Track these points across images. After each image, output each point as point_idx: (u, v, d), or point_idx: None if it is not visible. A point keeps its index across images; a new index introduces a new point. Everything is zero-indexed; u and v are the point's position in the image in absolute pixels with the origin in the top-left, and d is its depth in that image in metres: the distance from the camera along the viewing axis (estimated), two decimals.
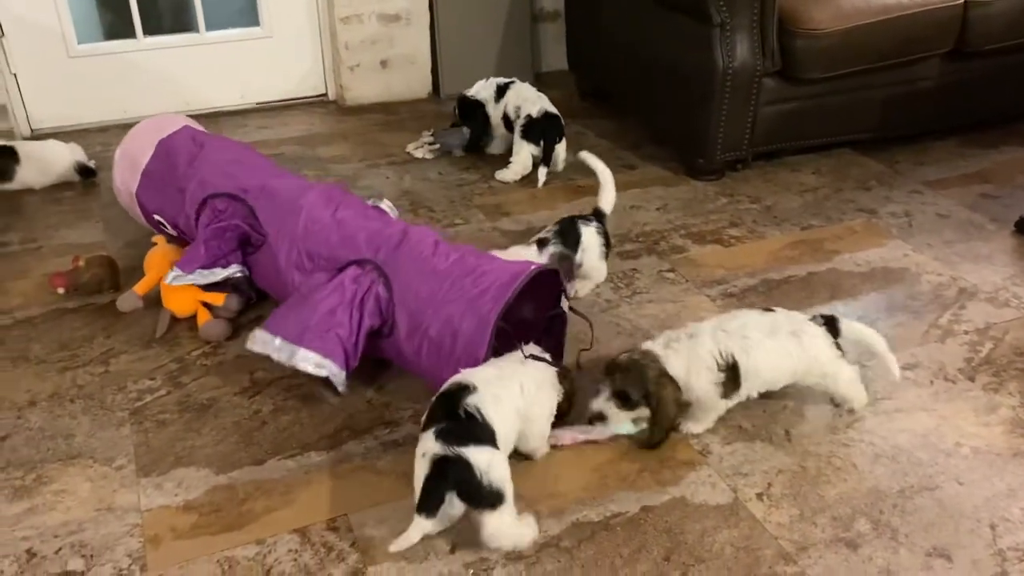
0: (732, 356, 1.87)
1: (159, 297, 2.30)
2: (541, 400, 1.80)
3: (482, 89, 3.25)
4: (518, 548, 1.64)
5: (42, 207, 2.94)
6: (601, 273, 2.46)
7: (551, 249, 2.35)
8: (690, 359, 1.86)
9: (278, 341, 1.96)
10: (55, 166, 3.04)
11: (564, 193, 3.05)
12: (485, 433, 1.63)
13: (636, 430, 1.92)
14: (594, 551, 1.66)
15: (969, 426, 1.98)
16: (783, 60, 2.94)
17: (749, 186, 3.10)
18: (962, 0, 3.04)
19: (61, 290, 2.41)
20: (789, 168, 3.23)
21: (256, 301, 2.36)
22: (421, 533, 1.56)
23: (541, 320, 2.08)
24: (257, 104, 3.78)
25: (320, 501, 1.76)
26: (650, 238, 2.75)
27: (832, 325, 1.97)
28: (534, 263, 2.00)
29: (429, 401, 1.77)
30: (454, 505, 1.59)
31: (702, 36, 2.87)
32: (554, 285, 2.02)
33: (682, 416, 1.92)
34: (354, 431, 1.95)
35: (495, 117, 3.24)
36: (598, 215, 2.48)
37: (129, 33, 3.51)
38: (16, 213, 2.91)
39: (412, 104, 3.87)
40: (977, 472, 1.85)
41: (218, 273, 2.24)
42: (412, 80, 3.89)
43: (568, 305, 2.06)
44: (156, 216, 2.45)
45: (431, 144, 3.38)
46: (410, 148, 3.38)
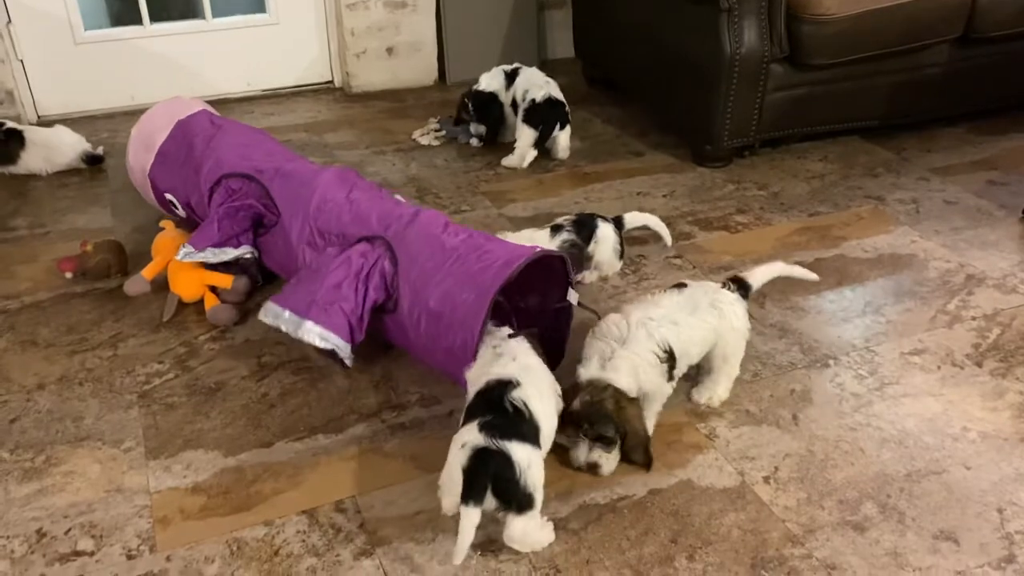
0: (667, 343, 1.84)
1: (167, 281, 2.31)
2: (550, 403, 1.69)
3: (491, 80, 3.22)
4: (540, 549, 1.62)
5: (50, 192, 2.94)
6: (613, 268, 2.46)
7: (564, 236, 2.35)
8: (632, 364, 1.79)
9: (287, 314, 1.97)
10: (60, 155, 3.04)
11: (570, 180, 3.04)
12: (531, 430, 1.57)
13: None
14: (601, 533, 1.67)
15: (976, 411, 1.98)
16: (791, 46, 2.93)
17: (756, 173, 3.10)
18: None
19: (69, 274, 2.41)
20: (796, 155, 3.22)
21: (263, 285, 2.36)
22: (473, 524, 1.48)
23: (548, 312, 2.07)
24: (263, 91, 3.78)
25: (328, 483, 1.77)
26: None
27: (743, 287, 2.03)
28: (543, 249, 1.97)
29: (436, 385, 1.80)
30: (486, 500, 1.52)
31: (709, 22, 2.86)
32: (562, 276, 2.00)
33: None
34: (361, 414, 1.96)
35: (508, 104, 3.22)
36: (617, 222, 2.47)
37: (136, 20, 3.51)
38: (24, 198, 2.91)
39: (418, 91, 3.87)
40: (984, 456, 1.85)
41: (229, 252, 2.25)
42: (418, 67, 3.88)
43: (576, 298, 2.02)
44: (168, 195, 2.46)
45: (437, 131, 3.38)
46: (416, 135, 3.38)
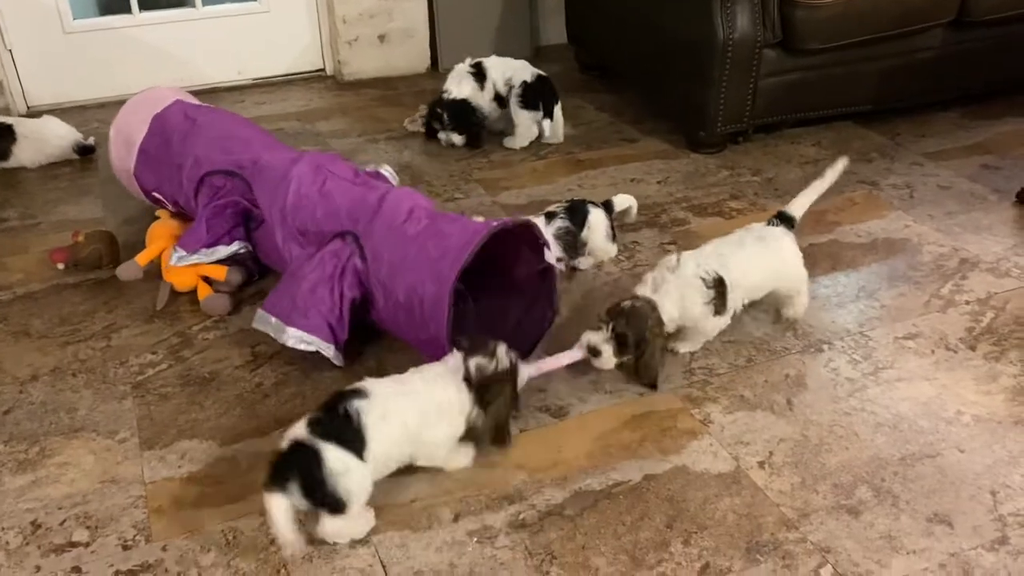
0: (716, 272, 1.99)
1: (160, 269, 2.30)
2: (440, 427, 1.69)
3: (459, 85, 3.08)
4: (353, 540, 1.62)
5: (41, 183, 2.93)
6: (608, 252, 2.47)
7: (558, 223, 2.34)
8: (680, 289, 1.97)
9: (273, 320, 1.99)
10: (51, 146, 3.02)
11: (564, 167, 3.03)
12: (354, 439, 1.56)
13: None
14: (597, 519, 1.67)
15: (970, 394, 1.98)
16: (784, 31, 2.91)
17: (750, 159, 3.09)
18: None
19: (61, 265, 2.40)
20: (790, 140, 3.22)
21: (259, 277, 2.36)
22: (279, 511, 1.48)
23: (534, 277, 2.07)
24: (254, 80, 3.76)
25: None
26: (651, 211, 2.73)
27: (786, 220, 2.20)
28: (500, 220, 1.94)
29: None
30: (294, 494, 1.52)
31: (702, 7, 2.84)
32: (533, 240, 2.00)
33: (674, 341, 2.08)
34: None
35: (486, 104, 3.11)
36: (607, 206, 2.47)
37: (125, 8, 3.48)
38: (14, 189, 2.90)
39: (411, 78, 3.85)
40: (978, 440, 1.85)
41: (221, 251, 2.25)
42: (410, 54, 3.86)
43: (554, 257, 2.03)
44: (155, 194, 2.45)
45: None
46: (407, 123, 3.36)
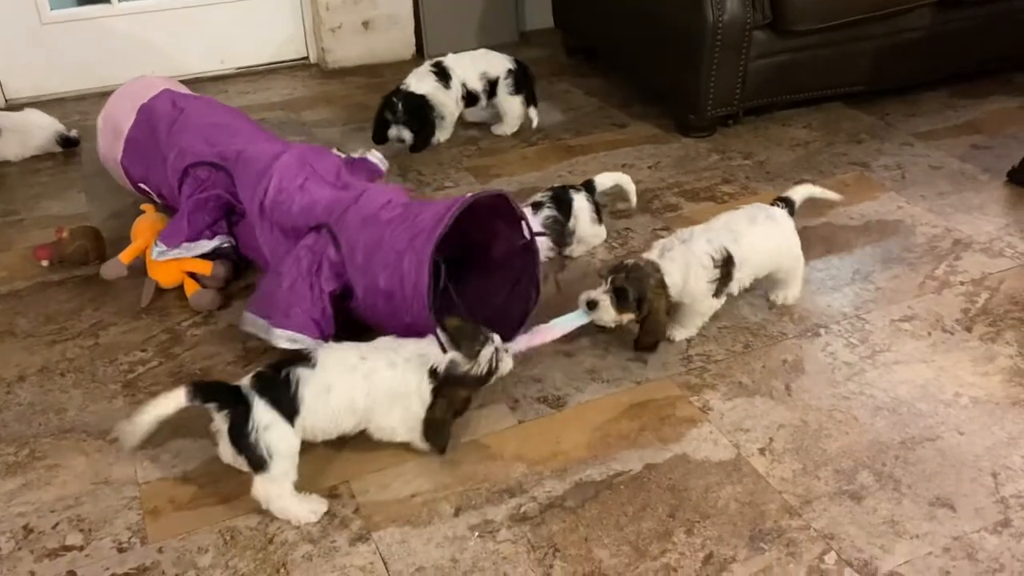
0: (725, 249, 1.99)
1: (145, 266, 2.26)
2: (392, 413, 1.70)
3: (421, 81, 2.94)
4: (298, 523, 1.62)
5: (22, 178, 2.87)
6: (599, 237, 2.45)
7: (545, 212, 2.32)
8: (687, 261, 1.96)
9: (260, 321, 1.95)
10: (34, 139, 2.97)
11: (554, 153, 3.00)
12: (285, 403, 1.59)
13: (586, 321, 1.95)
14: (599, 510, 1.66)
15: (968, 376, 1.98)
16: (773, 12, 2.89)
17: (740, 142, 3.07)
18: None
19: (45, 262, 2.36)
20: (780, 123, 3.20)
21: (244, 270, 2.32)
22: (164, 407, 1.55)
23: (516, 253, 2.05)
24: (237, 69, 3.70)
25: (320, 469, 1.74)
26: (643, 197, 2.71)
27: (788, 203, 2.19)
28: (475, 194, 1.91)
29: None
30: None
31: None
32: (510, 214, 1.98)
33: (670, 322, 2.05)
34: None
35: (449, 104, 2.97)
36: (588, 187, 2.44)
37: None
38: None
39: (396, 66, 3.79)
40: (977, 422, 1.85)
41: (204, 245, 2.21)
42: (395, 41, 3.81)
43: (531, 232, 2.01)
44: (142, 184, 2.40)
45: None
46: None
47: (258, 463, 1.58)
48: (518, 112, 3.08)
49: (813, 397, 1.93)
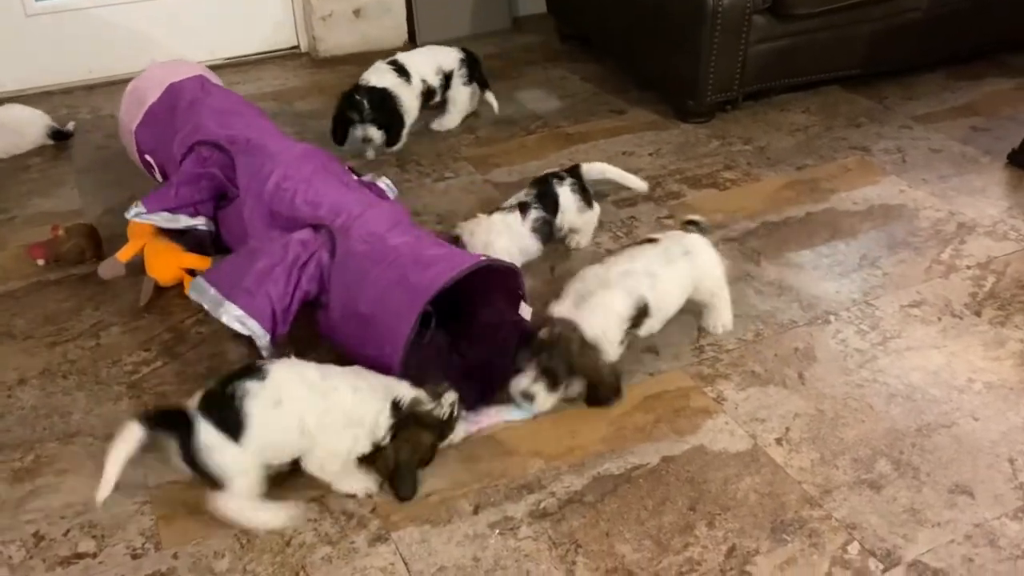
0: (643, 299, 1.86)
1: (143, 264, 2.21)
2: (342, 438, 1.61)
3: (380, 76, 2.79)
4: (265, 528, 1.59)
5: (11, 175, 2.80)
6: (591, 223, 2.39)
7: (534, 214, 2.25)
8: (605, 315, 1.81)
9: (212, 291, 1.86)
10: (23, 135, 2.90)
11: (553, 142, 2.97)
12: (230, 421, 1.53)
13: (528, 415, 1.83)
14: (618, 505, 1.64)
15: (979, 361, 1.98)
16: None
17: (740, 127, 3.05)
18: None
19: (41, 261, 2.31)
20: (778, 108, 3.18)
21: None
22: (130, 440, 1.50)
23: (506, 327, 1.93)
24: (227, 59, 3.64)
25: None
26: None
27: (698, 225, 2.06)
28: (489, 258, 1.84)
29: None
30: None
31: None
32: (514, 288, 1.89)
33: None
34: None
35: (411, 100, 2.82)
36: (573, 172, 2.38)
37: None
38: None
39: (388, 53, 3.68)
40: (991, 407, 1.85)
41: (182, 220, 2.12)
42: (387, 28, 3.75)
43: (529, 312, 1.91)
44: (148, 157, 2.36)
45: None
46: None
47: (215, 483, 1.55)
48: (465, 102, 2.98)
49: (827, 385, 1.92)
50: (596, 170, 2.46)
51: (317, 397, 1.60)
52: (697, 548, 1.56)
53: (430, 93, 2.90)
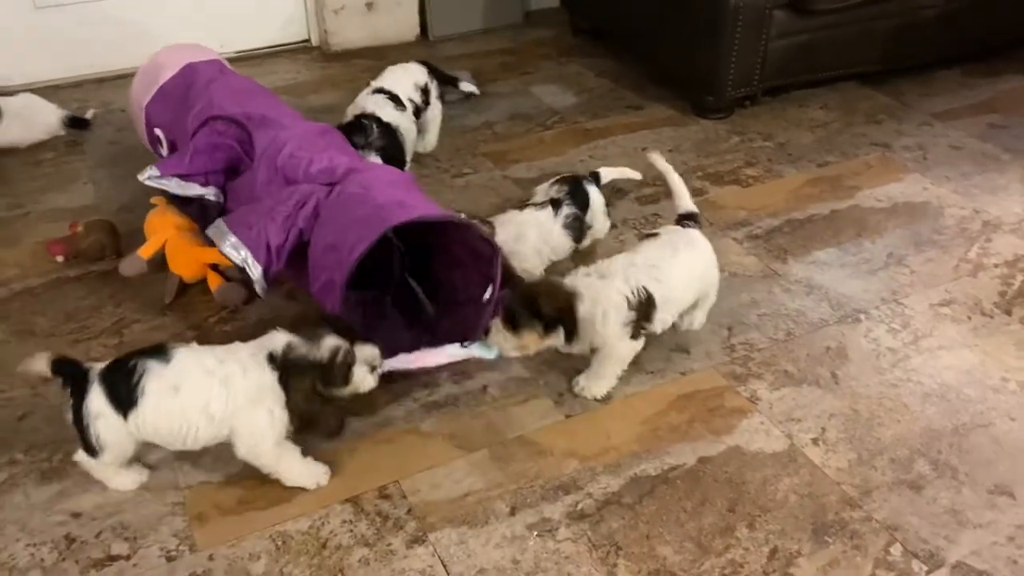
0: (644, 289, 1.80)
1: (163, 260, 2.18)
2: (253, 415, 1.57)
3: (380, 107, 2.59)
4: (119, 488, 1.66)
5: (24, 170, 2.77)
6: (604, 230, 2.38)
7: (566, 211, 2.22)
8: (602, 300, 1.77)
9: (222, 225, 1.91)
10: (38, 124, 2.86)
11: (572, 137, 2.95)
12: (123, 395, 1.54)
13: (492, 355, 1.84)
14: (657, 506, 1.62)
15: (1012, 360, 1.97)
16: None
17: (759, 123, 3.03)
18: None
19: (60, 258, 2.28)
20: (797, 103, 3.16)
21: None
22: (40, 364, 1.57)
23: (473, 298, 1.93)
24: (238, 53, 3.59)
25: (368, 468, 1.70)
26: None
27: (693, 219, 2.02)
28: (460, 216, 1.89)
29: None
30: None
31: None
32: (489, 261, 1.88)
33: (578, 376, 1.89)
34: (392, 394, 1.87)
35: (411, 127, 2.69)
36: (595, 177, 2.38)
37: None
38: None
39: (400, 47, 3.70)
40: None
41: (194, 188, 2.12)
42: (399, 22, 3.72)
43: (487, 296, 1.88)
44: (157, 131, 2.34)
45: None
46: None
47: (88, 448, 1.57)
48: (439, 117, 2.87)
49: (861, 385, 1.90)
50: (612, 173, 2.46)
51: (217, 384, 1.57)
52: (739, 550, 1.54)
53: (417, 111, 2.77)
